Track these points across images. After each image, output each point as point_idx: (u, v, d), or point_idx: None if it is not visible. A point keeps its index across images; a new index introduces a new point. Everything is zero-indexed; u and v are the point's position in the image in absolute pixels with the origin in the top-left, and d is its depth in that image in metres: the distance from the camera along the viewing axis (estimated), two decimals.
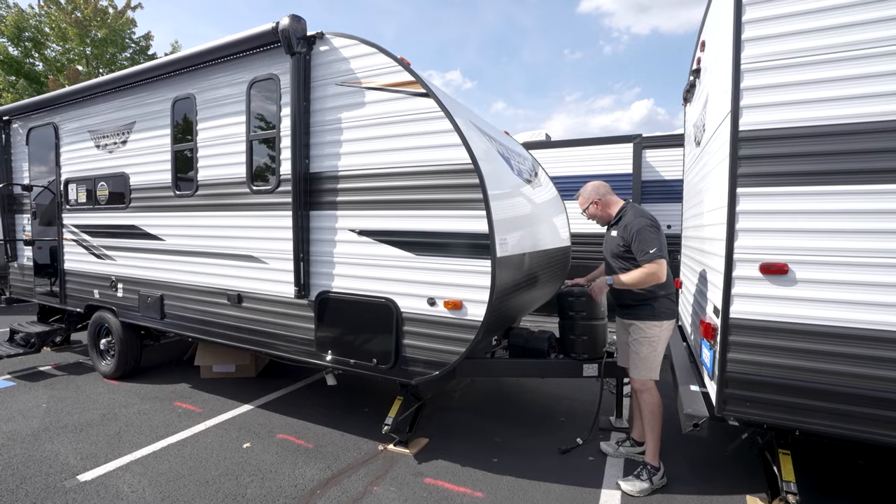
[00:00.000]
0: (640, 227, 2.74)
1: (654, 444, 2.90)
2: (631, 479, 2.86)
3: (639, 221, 2.77)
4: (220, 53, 3.69)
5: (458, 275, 2.83)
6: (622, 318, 3.06)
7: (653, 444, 2.90)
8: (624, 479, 2.87)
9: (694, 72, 3.63)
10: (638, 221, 2.78)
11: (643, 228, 2.73)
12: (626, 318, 2.99)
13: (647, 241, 2.70)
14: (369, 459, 3.23)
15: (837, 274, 2.05)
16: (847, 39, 1.99)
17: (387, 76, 3.00)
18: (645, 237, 2.71)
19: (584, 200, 3.10)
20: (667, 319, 2.85)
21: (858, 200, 2.00)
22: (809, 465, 3.03)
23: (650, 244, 2.69)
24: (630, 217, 2.85)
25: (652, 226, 2.75)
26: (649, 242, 2.70)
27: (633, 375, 2.95)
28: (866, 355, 2.01)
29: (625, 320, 3.02)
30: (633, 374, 2.95)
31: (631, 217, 2.84)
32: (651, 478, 2.83)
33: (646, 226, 2.74)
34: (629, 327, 2.97)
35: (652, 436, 2.90)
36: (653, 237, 2.71)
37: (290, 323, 3.50)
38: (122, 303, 4.67)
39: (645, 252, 2.70)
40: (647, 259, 2.69)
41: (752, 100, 2.17)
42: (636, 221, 2.78)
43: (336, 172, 3.25)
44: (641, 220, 2.77)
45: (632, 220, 2.81)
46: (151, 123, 4.31)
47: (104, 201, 4.77)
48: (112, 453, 3.27)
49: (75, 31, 13.48)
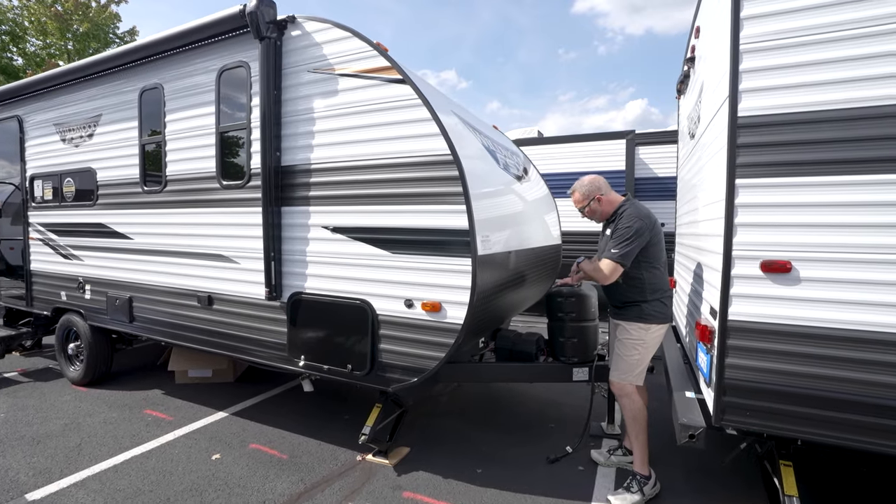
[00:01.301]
0: (626, 226, 2.60)
1: (642, 452, 2.74)
2: (621, 492, 2.68)
3: (628, 222, 2.61)
4: (187, 39, 3.47)
5: (437, 274, 2.63)
6: (612, 318, 2.91)
7: (640, 452, 2.74)
8: (614, 494, 2.69)
9: (688, 60, 3.46)
10: (627, 221, 2.61)
11: (628, 229, 2.59)
12: (615, 318, 2.85)
13: (620, 239, 2.59)
14: (346, 471, 3.04)
15: (846, 272, 1.87)
16: (860, 15, 1.81)
17: (361, 62, 2.80)
18: (622, 236, 2.59)
19: (584, 197, 2.84)
20: (656, 323, 2.68)
21: (868, 192, 1.83)
22: (809, 472, 2.87)
23: (618, 245, 2.57)
24: (626, 217, 2.66)
25: (639, 230, 2.57)
26: (620, 244, 2.57)
27: (611, 377, 2.83)
28: (877, 360, 1.84)
29: (614, 320, 2.88)
30: (611, 375, 2.82)
31: (626, 217, 2.65)
32: (642, 488, 2.66)
33: (634, 228, 2.57)
34: (617, 328, 2.83)
35: (637, 443, 2.74)
36: (629, 240, 2.56)
37: (262, 326, 3.29)
38: (90, 305, 4.43)
39: (609, 250, 2.60)
40: (609, 256, 2.58)
41: (753, 83, 1.99)
42: (627, 221, 2.62)
43: (309, 165, 3.04)
44: (632, 222, 2.60)
45: (625, 221, 2.63)
46: (118, 115, 4.08)
47: (71, 198, 4.52)
48: (69, 468, 3.04)
49: (55, 25, 13.12)
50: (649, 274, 2.68)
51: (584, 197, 2.85)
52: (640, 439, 2.73)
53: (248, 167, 3.28)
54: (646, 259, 2.64)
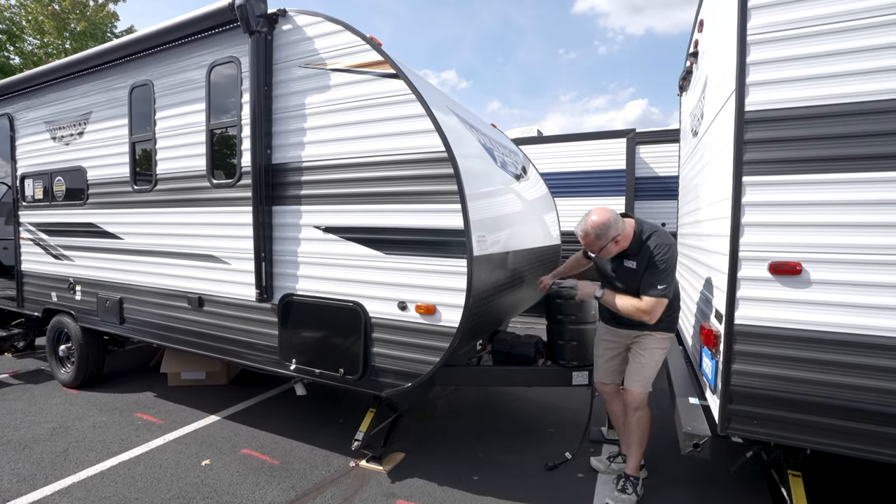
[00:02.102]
0: (663, 259, 2.39)
1: (640, 458, 2.71)
2: (618, 494, 2.65)
3: (663, 254, 2.39)
4: (177, 34, 3.38)
5: (431, 276, 2.54)
6: (620, 328, 2.70)
7: (638, 457, 2.71)
8: (611, 497, 2.65)
9: (691, 55, 3.36)
10: (661, 254, 2.39)
11: (665, 262, 2.39)
12: (630, 329, 2.65)
13: (660, 277, 2.38)
14: (339, 478, 2.95)
15: (858, 275, 1.78)
16: (873, 3, 1.72)
17: (354, 56, 2.71)
18: (662, 271, 2.38)
19: (603, 238, 2.42)
20: (674, 330, 2.67)
21: (883, 190, 1.73)
22: (813, 479, 2.78)
23: (662, 280, 2.38)
24: (657, 248, 2.41)
25: (673, 258, 2.42)
26: (662, 279, 2.38)
27: (634, 388, 2.63)
28: (891, 367, 1.75)
29: (625, 330, 2.68)
30: (634, 386, 2.64)
31: (658, 249, 2.41)
32: (636, 489, 2.66)
33: (670, 261, 2.40)
34: (636, 338, 2.65)
35: (640, 450, 2.69)
36: (669, 273, 2.41)
37: (253, 328, 3.20)
38: (81, 306, 4.34)
39: (653, 287, 2.38)
40: (651, 294, 2.38)
41: (761, 76, 1.90)
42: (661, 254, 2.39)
43: (300, 163, 2.95)
44: (666, 254, 2.39)
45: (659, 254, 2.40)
46: (108, 113, 3.99)
47: (61, 197, 4.44)
48: (54, 474, 2.96)
49: (53, 24, 13.03)
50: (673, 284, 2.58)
51: (599, 238, 2.44)
52: (643, 447, 2.68)
53: (238, 165, 3.19)
54: None
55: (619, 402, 2.86)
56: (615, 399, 2.88)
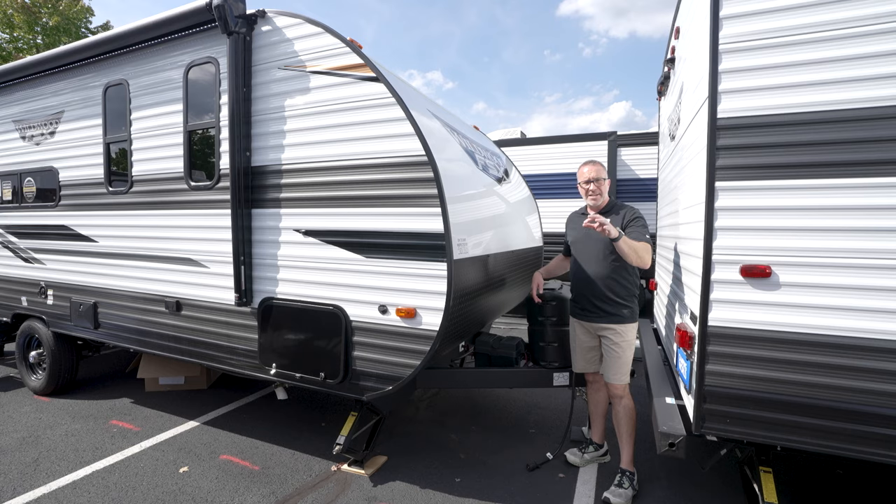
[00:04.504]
0: (637, 216, 2.76)
1: (632, 450, 2.82)
2: (615, 489, 2.71)
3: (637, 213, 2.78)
4: (153, 33, 3.31)
5: (412, 279, 2.54)
6: (591, 322, 2.86)
7: (631, 450, 2.82)
8: (610, 492, 2.70)
9: (668, 61, 3.43)
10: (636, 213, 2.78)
11: (641, 219, 2.75)
12: (599, 322, 2.80)
13: (644, 230, 2.70)
14: (320, 483, 2.92)
15: (826, 277, 1.84)
16: (841, 16, 1.78)
17: (334, 59, 2.69)
18: (642, 227, 2.71)
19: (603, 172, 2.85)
20: (636, 320, 2.83)
21: (849, 195, 1.80)
22: (784, 474, 2.86)
23: (645, 233, 2.69)
24: (630, 209, 2.82)
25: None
26: (644, 231, 2.69)
27: (613, 381, 2.80)
28: (859, 366, 1.81)
29: (595, 324, 2.82)
30: (613, 378, 2.80)
31: (631, 210, 2.82)
32: (632, 483, 2.74)
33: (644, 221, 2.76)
34: (604, 331, 2.80)
35: (630, 442, 2.81)
36: (647, 230, 2.72)
37: (232, 333, 3.15)
38: (53, 311, 4.22)
39: (643, 236, 2.66)
40: (646, 240, 2.64)
41: (732, 84, 1.95)
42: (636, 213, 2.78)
43: (280, 166, 2.92)
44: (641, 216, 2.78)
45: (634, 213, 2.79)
46: (82, 112, 3.89)
47: (31, 199, 4.31)
48: (22, 486, 2.87)
49: (23, 18, 12.61)
50: (635, 275, 2.82)
51: (600, 172, 2.84)
52: (633, 437, 2.81)
53: (217, 167, 3.14)
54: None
55: (600, 388, 3.02)
56: (597, 386, 3.04)
